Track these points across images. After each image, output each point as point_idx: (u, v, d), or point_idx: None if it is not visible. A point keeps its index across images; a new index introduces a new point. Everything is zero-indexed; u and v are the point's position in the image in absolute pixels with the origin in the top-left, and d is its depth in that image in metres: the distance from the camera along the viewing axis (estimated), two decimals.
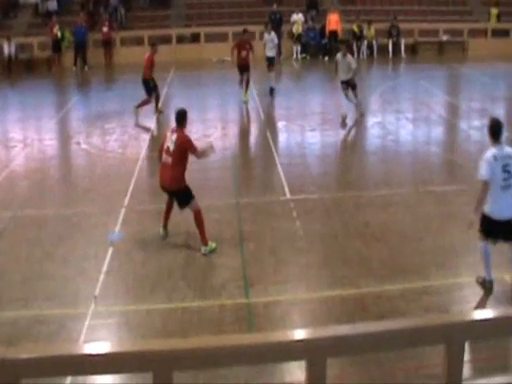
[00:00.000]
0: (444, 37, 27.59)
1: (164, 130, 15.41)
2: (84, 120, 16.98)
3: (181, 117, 8.80)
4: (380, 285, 7.67)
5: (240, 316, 7.20)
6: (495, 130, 7.20)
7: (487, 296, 7.35)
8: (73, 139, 15.14)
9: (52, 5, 28.65)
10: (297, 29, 27.02)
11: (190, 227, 8.92)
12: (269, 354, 2.73)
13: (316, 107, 18.33)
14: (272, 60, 19.15)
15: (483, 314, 3.37)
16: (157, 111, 16.44)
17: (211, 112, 18.01)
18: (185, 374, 3.23)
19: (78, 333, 6.89)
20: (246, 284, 7.80)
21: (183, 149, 8.61)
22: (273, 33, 19.85)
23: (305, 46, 27.02)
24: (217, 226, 9.43)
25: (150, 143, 14.51)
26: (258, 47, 19.16)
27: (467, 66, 24.52)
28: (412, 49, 27.27)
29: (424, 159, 12.94)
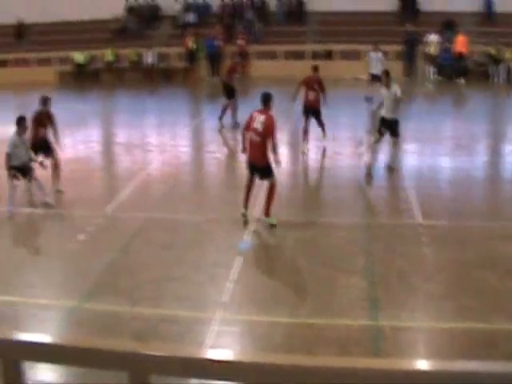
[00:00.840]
0: None
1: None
2: (217, 129, 17.43)
3: (267, 98, 9.87)
4: (511, 321, 7.32)
5: (365, 338, 7.11)
6: None
7: None
8: (205, 147, 15.61)
9: (190, 17, 29.79)
10: (433, 50, 26.47)
11: (314, 246, 8.91)
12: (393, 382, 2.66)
13: (449, 131, 17.82)
14: (377, 77, 17.74)
15: None
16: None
17: (344, 130, 17.94)
18: None
19: (203, 336, 7.07)
20: (373, 306, 7.69)
21: (271, 129, 9.62)
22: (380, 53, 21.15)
23: (439, 68, 26.40)
24: (343, 245, 9.38)
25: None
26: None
27: None
28: None
29: None
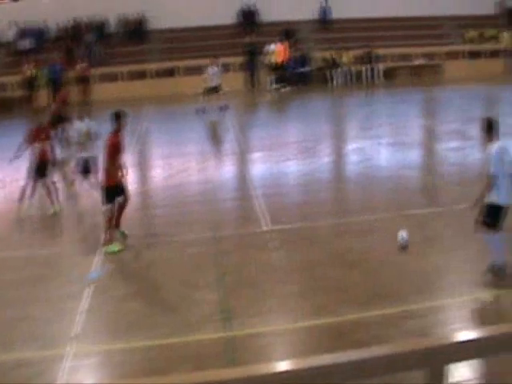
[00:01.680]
0: (419, 60, 28.00)
1: (139, 167, 15.46)
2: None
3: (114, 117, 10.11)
4: (358, 312, 7.62)
5: (221, 350, 7.11)
6: (493, 128, 8.16)
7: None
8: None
9: (26, 43, 28.75)
10: (273, 59, 27.24)
11: (167, 264, 8.84)
12: None
13: (292, 137, 18.40)
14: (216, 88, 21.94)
15: (464, 336, 3.35)
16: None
17: (189, 146, 18.01)
18: None
19: (59, 375, 6.77)
20: (227, 317, 7.73)
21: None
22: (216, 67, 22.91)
23: (281, 76, 27.21)
24: (195, 261, 9.39)
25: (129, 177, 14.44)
26: None
27: (443, 89, 24.82)
28: (389, 74, 27.61)
29: (402, 183, 13.00)
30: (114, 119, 10.16)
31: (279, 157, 15.70)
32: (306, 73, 27.20)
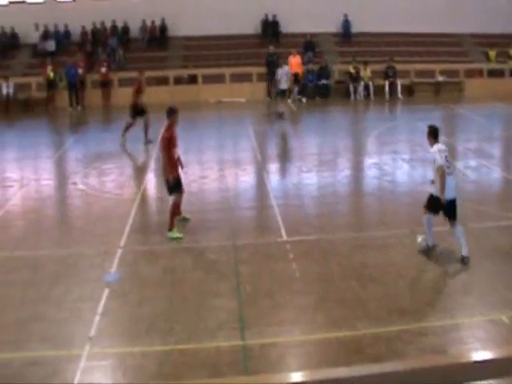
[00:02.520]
0: (440, 77, 27.95)
1: (158, 173, 15.56)
2: (81, 160, 17.06)
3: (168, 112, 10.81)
4: (376, 326, 7.62)
5: (236, 358, 7.13)
6: (436, 134, 9.95)
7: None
8: (70, 179, 15.19)
9: (49, 45, 29.04)
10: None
11: (185, 270, 8.88)
12: None
13: (311, 149, 18.42)
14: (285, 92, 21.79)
15: (482, 356, 3.34)
16: (146, 141, 16.89)
17: (208, 154, 18.11)
18: None
19: (72, 375, 6.82)
20: (241, 326, 7.74)
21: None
22: (285, 67, 22.28)
23: (303, 88, 27.26)
24: (212, 268, 9.43)
25: (147, 183, 14.61)
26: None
27: (463, 107, 24.77)
28: (408, 89, 27.58)
29: (420, 200, 12.90)
30: (167, 115, 10.90)
31: (298, 168, 15.74)
32: (326, 86, 27.24)
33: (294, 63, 26.65)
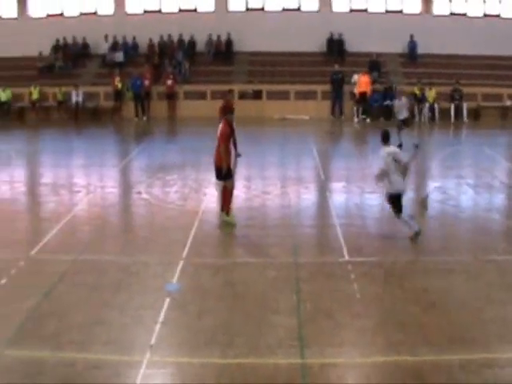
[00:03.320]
0: (508, 102, 27.39)
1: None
2: (146, 170, 17.40)
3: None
4: (437, 354, 7.49)
5: (294, 376, 7.12)
6: (385, 138, 11.56)
7: None
8: (134, 188, 15.51)
9: (118, 56, 29.79)
10: (356, 89, 27.25)
11: (245, 285, 8.91)
12: None
13: (375, 170, 18.25)
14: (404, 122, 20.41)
15: None
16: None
17: (271, 170, 18.23)
18: None
19: (132, 380, 6.93)
20: (301, 344, 7.73)
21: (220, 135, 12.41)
22: (403, 98, 21.19)
23: (367, 108, 27.16)
24: (272, 284, 9.46)
25: (211, 196, 14.78)
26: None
27: None
28: (475, 113, 27.12)
29: (485, 226, 12.72)
30: (224, 113, 12.68)
31: (361, 188, 15.67)
32: (391, 106, 27.03)
33: (363, 82, 26.63)
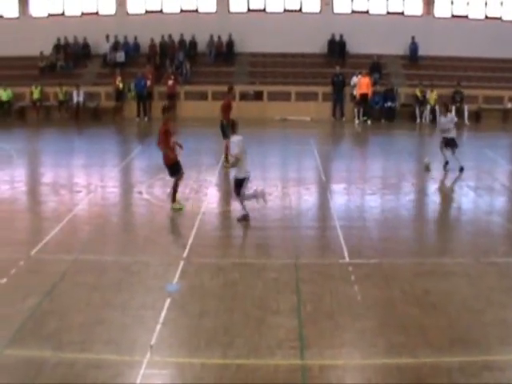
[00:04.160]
0: (509, 104, 27.39)
1: (222, 188, 15.79)
2: (146, 170, 17.41)
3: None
4: (437, 356, 7.48)
5: (294, 377, 7.12)
6: (234, 127, 12.58)
7: None
8: (135, 188, 15.52)
9: (119, 56, 29.79)
10: (355, 91, 27.24)
11: (245, 286, 8.91)
12: None
13: (376, 171, 18.34)
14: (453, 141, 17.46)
15: None
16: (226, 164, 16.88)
17: (272, 171, 18.23)
18: None
19: (133, 381, 6.93)
20: (301, 345, 7.73)
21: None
22: (449, 114, 17.90)
23: (368, 109, 27.15)
24: (273, 285, 9.46)
25: (212, 197, 14.79)
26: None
27: None
28: (476, 115, 27.12)
29: (486, 229, 12.72)
30: (163, 112, 13.66)
31: (362, 190, 15.69)
32: (392, 108, 27.07)
33: (364, 84, 26.62)
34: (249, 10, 30.99)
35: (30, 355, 7.42)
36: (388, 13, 30.72)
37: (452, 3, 30.61)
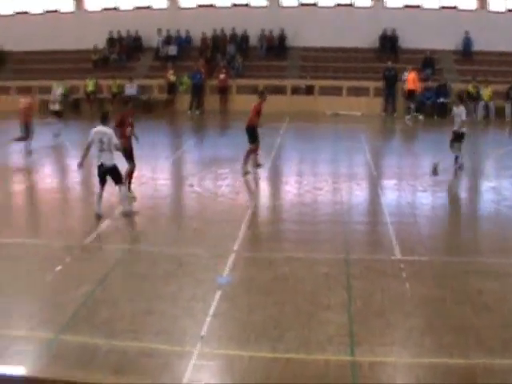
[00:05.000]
0: None
1: (273, 182, 15.79)
2: (198, 163, 17.55)
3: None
4: (490, 357, 7.35)
5: (344, 374, 7.09)
6: (103, 119, 12.23)
7: None
8: (186, 181, 15.67)
9: (171, 49, 30.07)
10: (406, 86, 26.93)
11: (296, 281, 8.88)
12: None
13: (427, 168, 18.05)
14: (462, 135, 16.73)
15: None
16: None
17: (323, 166, 18.17)
18: None
19: (182, 370, 7.01)
20: (351, 341, 7.69)
21: None
22: (461, 107, 16.86)
23: (419, 105, 26.82)
24: (323, 280, 9.43)
25: (262, 191, 14.82)
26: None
27: None
28: None
29: None
30: (123, 105, 14.90)
31: (413, 186, 15.51)
32: (445, 104, 26.63)
33: (410, 79, 26.31)
34: (300, 5, 30.89)
35: (84, 341, 7.58)
36: (441, 7, 30.21)
37: None
